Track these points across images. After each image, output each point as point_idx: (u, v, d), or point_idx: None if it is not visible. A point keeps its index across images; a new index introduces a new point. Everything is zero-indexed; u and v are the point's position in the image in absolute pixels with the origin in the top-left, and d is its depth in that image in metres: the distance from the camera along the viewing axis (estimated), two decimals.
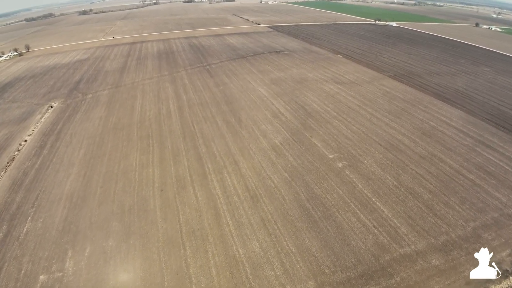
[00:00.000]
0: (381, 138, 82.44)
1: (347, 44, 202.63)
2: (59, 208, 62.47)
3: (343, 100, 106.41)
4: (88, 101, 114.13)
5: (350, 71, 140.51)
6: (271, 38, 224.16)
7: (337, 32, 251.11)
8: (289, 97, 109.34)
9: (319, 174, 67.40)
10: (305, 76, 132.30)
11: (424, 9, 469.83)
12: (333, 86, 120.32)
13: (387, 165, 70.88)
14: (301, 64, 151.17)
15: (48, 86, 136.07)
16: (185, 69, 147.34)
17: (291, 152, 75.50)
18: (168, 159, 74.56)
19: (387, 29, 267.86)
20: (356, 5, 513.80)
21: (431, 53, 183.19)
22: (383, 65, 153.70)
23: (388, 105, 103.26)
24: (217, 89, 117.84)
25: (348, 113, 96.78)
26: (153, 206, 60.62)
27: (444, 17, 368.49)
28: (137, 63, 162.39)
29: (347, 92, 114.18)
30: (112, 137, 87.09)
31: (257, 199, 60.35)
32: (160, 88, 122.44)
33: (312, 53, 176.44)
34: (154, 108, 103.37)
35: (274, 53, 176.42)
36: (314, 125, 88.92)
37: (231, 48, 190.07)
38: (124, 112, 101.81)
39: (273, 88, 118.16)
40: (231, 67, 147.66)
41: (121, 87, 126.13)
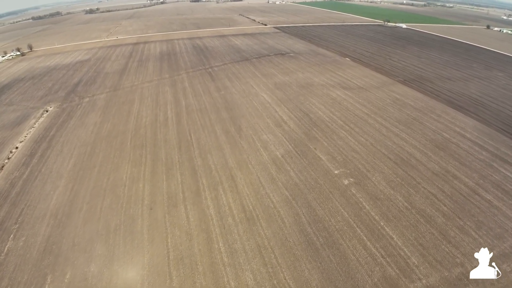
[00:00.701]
0: (391, 151, 76.58)
1: (355, 46, 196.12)
2: (42, 226, 58.13)
3: (351, 108, 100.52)
4: (84, 106, 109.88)
5: (358, 76, 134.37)
6: (277, 39, 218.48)
7: (345, 33, 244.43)
8: (293, 103, 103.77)
9: (323, 192, 61.84)
10: (310, 81, 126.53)
11: (433, 10, 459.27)
12: (340, 92, 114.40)
13: (397, 183, 65.10)
14: (307, 68, 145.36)
15: (46, 89, 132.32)
16: (186, 71, 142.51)
17: (293, 166, 70.03)
18: (160, 172, 69.61)
19: (397, 31, 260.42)
20: (365, 5, 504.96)
21: (442, 56, 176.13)
22: (393, 69, 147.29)
23: (398, 114, 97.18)
24: (218, 94, 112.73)
25: (356, 122, 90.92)
26: (140, 227, 55.74)
27: (454, 19, 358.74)
28: (138, 65, 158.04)
29: (354, 98, 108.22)
30: (104, 146, 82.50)
31: (253, 222, 55.07)
32: (159, 92, 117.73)
33: (319, 55, 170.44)
34: (151, 114, 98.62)
35: (279, 55, 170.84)
36: (319, 135, 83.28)
37: (235, 50, 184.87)
38: (120, 118, 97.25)
39: (276, 93, 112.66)
40: (234, 70, 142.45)
41: (120, 91, 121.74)
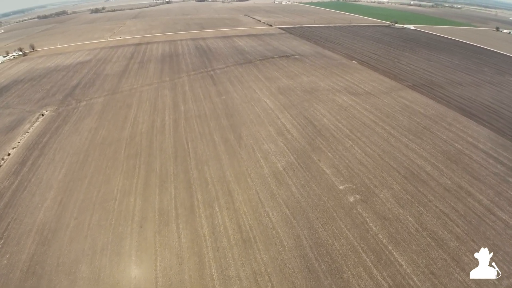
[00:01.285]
0: (400, 163, 71.61)
1: (362, 49, 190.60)
2: (28, 242, 54.45)
3: (358, 115, 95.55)
4: (81, 110, 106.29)
5: (366, 80, 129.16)
6: (282, 40, 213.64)
7: (351, 35, 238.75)
8: (297, 110, 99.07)
9: (327, 211, 57.14)
10: (316, 85, 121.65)
11: (441, 12, 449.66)
12: (346, 97, 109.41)
13: (406, 201, 60.20)
14: (312, 71, 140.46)
15: (44, 91, 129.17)
16: (187, 74, 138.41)
17: (295, 180, 65.41)
18: (153, 185, 65.44)
19: (405, 33, 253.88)
20: (372, 6, 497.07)
21: (452, 60, 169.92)
22: (401, 73, 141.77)
23: (408, 122, 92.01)
24: (218, 99, 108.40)
25: (363, 131, 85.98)
26: (128, 247, 51.64)
27: (462, 20, 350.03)
28: (139, 67, 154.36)
29: (362, 105, 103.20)
30: (97, 155, 78.62)
31: (250, 244, 50.61)
32: (158, 96, 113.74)
33: (325, 58, 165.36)
34: (148, 120, 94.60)
35: (284, 57, 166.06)
36: (324, 145, 78.50)
37: (239, 52, 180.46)
38: (116, 124, 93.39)
39: (280, 99, 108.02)
40: (236, 73, 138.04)
41: (118, 94, 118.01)
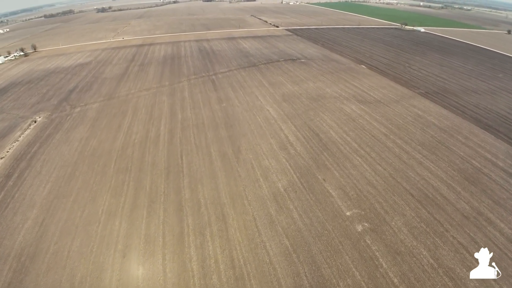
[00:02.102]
0: (413, 184, 65.02)
1: (372, 52, 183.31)
2: (4, 269, 49.66)
3: (367, 126, 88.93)
4: (74, 117, 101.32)
5: (375, 86, 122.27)
6: (289, 43, 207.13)
7: (360, 37, 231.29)
8: (302, 120, 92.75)
9: (331, 243, 50.86)
10: (322, 92, 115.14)
11: (451, 13, 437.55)
12: (355, 106, 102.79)
13: (421, 230, 53.70)
14: (319, 76, 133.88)
15: (40, 95, 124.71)
16: (188, 78, 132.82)
17: (297, 204, 59.20)
18: (141, 206, 59.77)
19: (415, 35, 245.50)
20: (381, 7, 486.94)
21: (465, 65, 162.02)
22: (413, 79, 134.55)
23: (421, 135, 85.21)
24: (218, 107, 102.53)
25: (373, 145, 79.39)
26: (108, 281, 46.11)
27: (473, 23, 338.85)
28: (139, 70, 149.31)
29: (371, 115, 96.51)
30: (86, 168, 73.29)
31: (243, 283, 44.64)
32: (155, 102, 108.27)
33: (332, 62, 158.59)
34: (142, 130, 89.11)
35: (289, 61, 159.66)
36: (330, 162, 72.12)
37: (243, 54, 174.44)
38: (108, 134, 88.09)
39: (284, 107, 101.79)
40: (239, 78, 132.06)
41: (114, 100, 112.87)
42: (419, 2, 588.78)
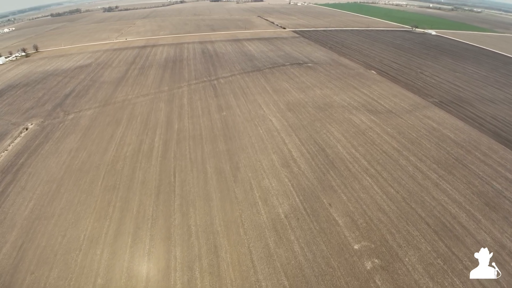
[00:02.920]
0: (429, 211, 58.14)
1: (382, 56, 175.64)
2: None
3: (377, 141, 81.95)
4: (67, 125, 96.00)
5: (386, 94, 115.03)
6: (295, 45, 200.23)
7: (370, 40, 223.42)
8: (307, 132, 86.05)
9: (336, 284, 44.39)
10: (330, 100, 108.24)
11: (462, 16, 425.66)
12: (364, 117, 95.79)
13: (438, 268, 47.04)
14: (326, 82, 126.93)
15: (35, 99, 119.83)
16: (188, 83, 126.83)
17: (298, 234, 52.66)
18: (126, 233, 53.75)
19: (426, 38, 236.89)
20: (390, 9, 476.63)
21: (480, 71, 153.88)
22: (426, 87, 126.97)
23: (436, 151, 78.08)
24: (218, 116, 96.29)
25: (384, 163, 72.46)
26: None
27: (484, 25, 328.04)
28: (139, 73, 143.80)
29: (382, 127, 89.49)
30: (72, 185, 67.62)
31: None
32: (152, 110, 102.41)
33: (341, 66, 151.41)
34: (136, 141, 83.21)
35: (296, 65, 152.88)
36: (337, 182, 65.40)
37: (247, 58, 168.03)
38: (99, 145, 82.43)
39: (288, 117, 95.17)
40: (242, 83, 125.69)
41: (109, 106, 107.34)
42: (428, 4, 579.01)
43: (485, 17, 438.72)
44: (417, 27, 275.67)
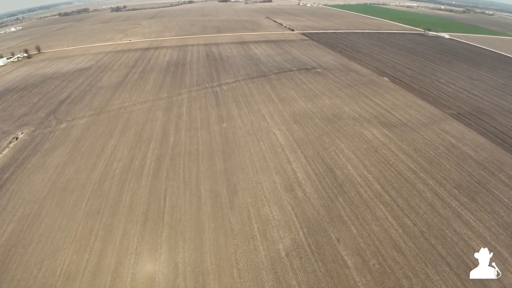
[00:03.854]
0: (450, 248, 50.90)
1: (394, 61, 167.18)
2: None
3: (392, 160, 74.37)
4: (57, 135, 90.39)
5: (400, 105, 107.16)
6: (304, 49, 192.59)
7: (381, 43, 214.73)
8: (314, 149, 78.81)
9: None
10: (340, 111, 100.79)
11: (474, 18, 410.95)
12: (377, 131, 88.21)
13: None
14: (336, 90, 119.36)
15: (29, 105, 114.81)
16: (189, 90, 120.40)
17: (301, 278, 45.67)
18: (106, 269, 47.40)
19: (439, 42, 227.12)
20: (401, 10, 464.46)
21: (497, 78, 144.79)
22: (442, 96, 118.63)
23: (457, 173, 70.34)
24: (218, 128, 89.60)
25: (400, 187, 64.97)
26: None
27: (497, 29, 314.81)
28: (138, 78, 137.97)
29: (397, 143, 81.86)
30: (54, 207, 61.69)
31: None
32: (148, 120, 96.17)
33: (351, 72, 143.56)
34: (127, 156, 76.96)
35: (303, 70, 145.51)
36: (346, 212, 58.14)
37: (253, 62, 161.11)
38: (88, 160, 76.40)
39: (294, 130, 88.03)
40: (246, 91, 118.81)
41: (104, 114, 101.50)
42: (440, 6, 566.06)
43: (498, 19, 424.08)
44: (429, 30, 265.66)
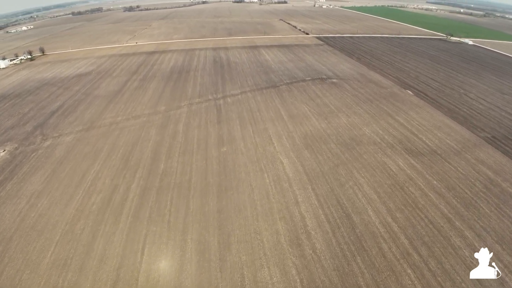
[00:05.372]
0: None
1: (417, 71, 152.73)
2: None
3: (421, 202, 61.40)
4: (39, 155, 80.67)
5: (427, 125, 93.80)
6: (318, 55, 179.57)
7: (402, 50, 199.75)
8: (328, 184, 66.26)
9: None
10: (358, 133, 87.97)
11: (495, 23, 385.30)
12: (402, 160, 75.19)
13: None
14: (354, 106, 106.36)
15: (18, 116, 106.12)
16: (190, 103, 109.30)
17: None
18: None
19: (463, 49, 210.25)
20: (420, 13, 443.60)
21: None
22: (473, 114, 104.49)
23: (498, 221, 57.72)
24: (216, 152, 78.01)
25: (431, 242, 52.08)
26: None
27: None
28: (138, 86, 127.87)
29: (426, 178, 68.77)
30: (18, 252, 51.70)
31: None
32: (139, 139, 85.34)
33: (371, 84, 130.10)
34: (109, 186, 66.18)
35: (318, 80, 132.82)
36: (365, 279, 45.79)
37: (263, 69, 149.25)
38: (65, 190, 66.06)
39: (304, 158, 75.68)
40: (252, 105, 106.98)
41: (93, 131, 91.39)
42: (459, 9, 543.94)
43: None
44: (452, 35, 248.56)
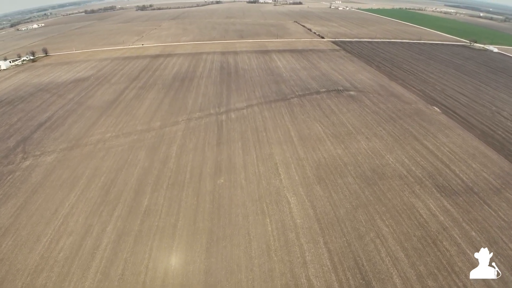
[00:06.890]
0: None
1: (443, 82, 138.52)
2: None
3: (458, 264, 48.35)
4: (15, 178, 70.94)
5: (460, 153, 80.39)
6: (334, 62, 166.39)
7: (424, 57, 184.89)
8: (345, 236, 53.72)
9: None
10: (381, 162, 74.95)
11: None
12: (433, 201, 62.23)
13: None
14: (374, 126, 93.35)
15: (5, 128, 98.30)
16: (188, 118, 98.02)
17: None
18: None
19: (489, 58, 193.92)
20: (439, 17, 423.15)
21: None
22: (510, 138, 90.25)
23: None
24: (211, 185, 66.25)
25: None
26: None
27: None
28: (135, 96, 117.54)
29: (462, 227, 55.85)
30: None
31: None
32: (125, 164, 74.29)
33: (393, 98, 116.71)
34: (81, 228, 55.30)
35: (334, 93, 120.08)
36: None
37: (273, 78, 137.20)
38: (33, 229, 55.64)
39: (316, 196, 63.22)
40: (258, 122, 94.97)
41: (77, 150, 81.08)
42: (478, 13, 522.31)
43: None
44: (475, 41, 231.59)
